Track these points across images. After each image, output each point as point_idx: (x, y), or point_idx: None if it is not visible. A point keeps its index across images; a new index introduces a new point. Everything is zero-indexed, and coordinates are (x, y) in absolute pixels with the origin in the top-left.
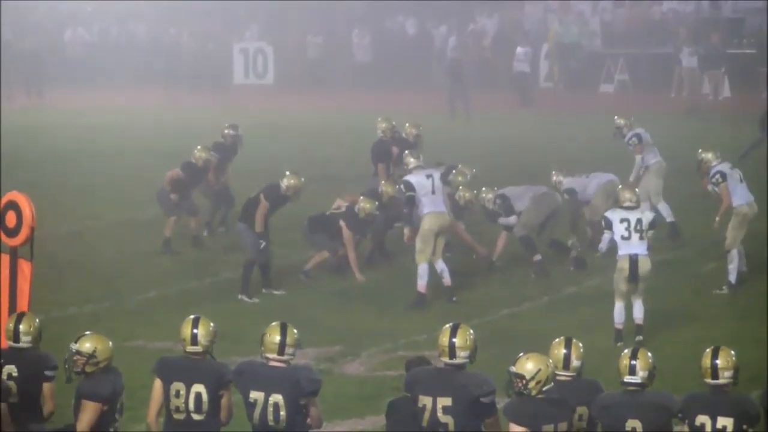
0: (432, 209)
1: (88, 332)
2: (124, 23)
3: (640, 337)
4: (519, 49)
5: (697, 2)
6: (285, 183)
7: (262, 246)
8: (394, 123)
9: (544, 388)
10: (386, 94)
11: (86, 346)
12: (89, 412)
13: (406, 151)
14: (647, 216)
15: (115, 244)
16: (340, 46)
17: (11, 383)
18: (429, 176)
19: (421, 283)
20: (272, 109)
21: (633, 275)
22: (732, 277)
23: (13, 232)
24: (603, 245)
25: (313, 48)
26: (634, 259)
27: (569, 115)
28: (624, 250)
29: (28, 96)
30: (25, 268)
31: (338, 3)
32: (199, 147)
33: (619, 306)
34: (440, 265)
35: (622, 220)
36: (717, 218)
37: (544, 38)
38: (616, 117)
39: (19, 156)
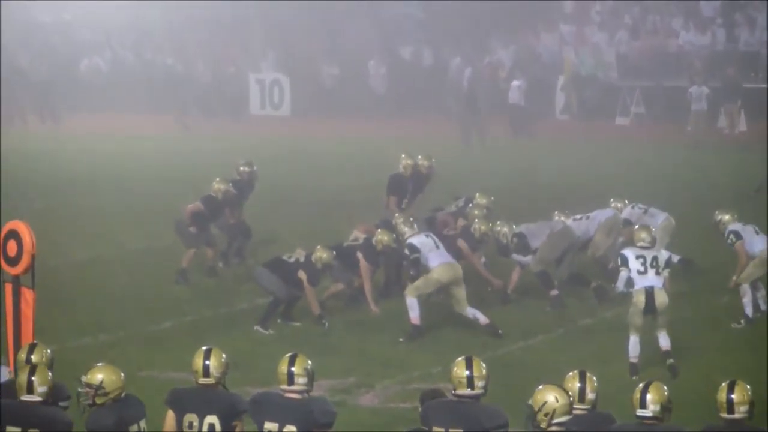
0: (442, 260)
1: (99, 363)
2: (141, 52)
3: (672, 360)
4: (514, 82)
5: (713, 35)
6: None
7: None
8: (417, 161)
9: (554, 421)
10: (401, 124)
11: (95, 377)
12: None
13: (400, 220)
14: (663, 254)
15: (130, 272)
16: (355, 76)
17: None
18: (428, 235)
19: (414, 315)
20: (288, 139)
21: (649, 307)
22: (748, 311)
23: (14, 261)
24: (620, 283)
25: (328, 78)
26: (650, 292)
27: (585, 147)
28: (640, 284)
29: (43, 122)
30: (27, 295)
31: (354, 34)
32: (217, 179)
33: (633, 339)
34: (470, 312)
35: (638, 257)
36: (734, 277)
37: (560, 70)
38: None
39: (34, 182)
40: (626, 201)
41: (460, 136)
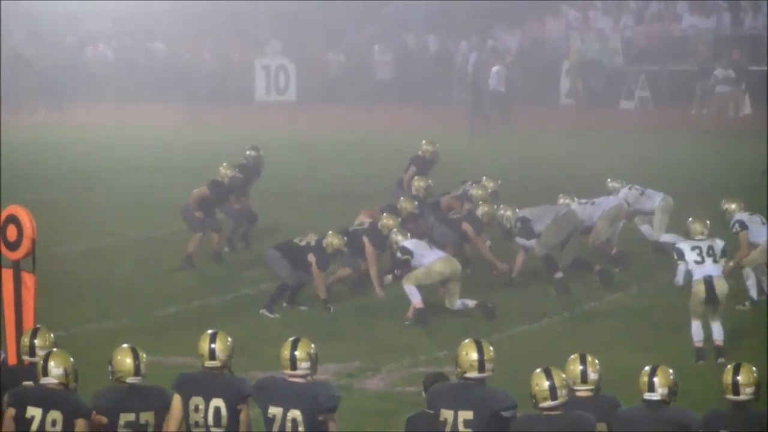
0: (439, 256)
1: (125, 345)
2: (145, 40)
3: (722, 359)
4: (493, 68)
5: (717, 19)
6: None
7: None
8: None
9: (539, 405)
10: (407, 110)
11: (110, 356)
12: (79, 425)
13: (395, 230)
14: (718, 243)
15: (135, 260)
16: (361, 63)
17: None
18: (421, 239)
19: (416, 300)
20: (294, 126)
21: (710, 297)
22: (753, 293)
23: (14, 246)
24: (679, 277)
25: (334, 65)
26: (709, 281)
27: (590, 132)
28: (698, 274)
29: (48, 111)
30: (28, 280)
31: (359, 20)
32: (224, 165)
33: (696, 324)
34: (458, 304)
35: (693, 248)
36: (731, 263)
37: (565, 55)
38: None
39: (38, 171)
40: (623, 182)
41: (465, 123)
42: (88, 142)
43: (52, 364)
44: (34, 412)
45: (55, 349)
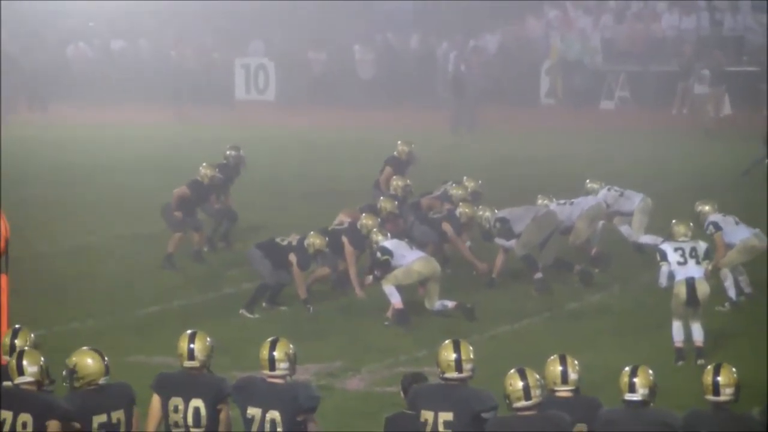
0: (419, 255)
1: (85, 348)
2: (127, 39)
3: (702, 361)
4: (452, 54)
5: (697, 19)
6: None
7: (309, 309)
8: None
9: (513, 405)
10: (389, 109)
11: (71, 360)
12: (52, 427)
13: (374, 229)
14: (701, 245)
15: (117, 258)
16: (342, 62)
17: None
18: (401, 239)
19: (396, 300)
20: (274, 125)
21: (691, 299)
22: (731, 294)
23: None
24: (662, 279)
25: (315, 64)
26: (690, 283)
27: (571, 132)
28: (680, 275)
29: (31, 110)
30: (2, 281)
31: (341, 19)
32: (204, 164)
33: (677, 325)
34: (438, 305)
35: (676, 249)
36: (709, 267)
37: (546, 54)
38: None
39: (22, 170)
40: (602, 183)
41: (448, 122)
42: (72, 140)
43: (26, 362)
44: (5, 415)
45: (26, 348)
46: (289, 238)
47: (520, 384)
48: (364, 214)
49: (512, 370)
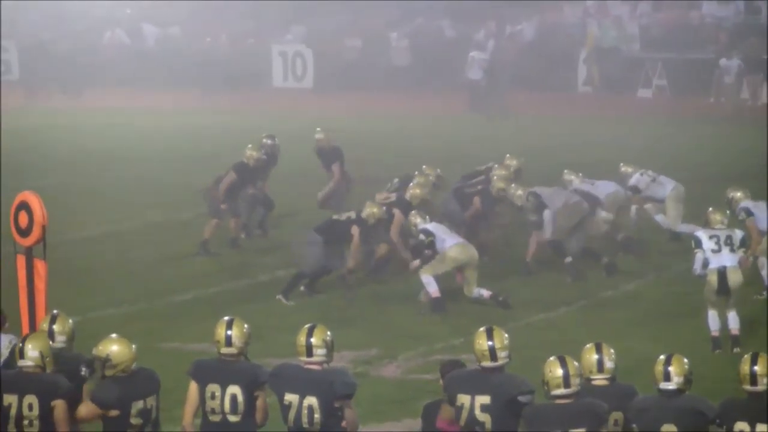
0: (457, 241)
1: (112, 335)
2: (162, 25)
3: (738, 349)
4: (471, 54)
5: (735, 6)
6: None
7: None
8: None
9: (551, 393)
10: (424, 96)
11: (103, 349)
12: (85, 410)
13: (413, 212)
14: (737, 234)
15: (152, 245)
16: (378, 49)
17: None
18: (441, 222)
19: (433, 290)
20: (311, 112)
21: (722, 288)
22: None
23: (25, 233)
24: (697, 265)
25: (351, 51)
26: (722, 272)
27: (608, 119)
28: (714, 263)
29: (65, 96)
30: (39, 267)
31: (376, 6)
32: (250, 146)
33: (712, 314)
34: (476, 292)
35: (711, 237)
36: (748, 255)
37: (582, 42)
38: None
39: (55, 156)
40: (636, 167)
41: (482, 109)
42: (105, 126)
43: (29, 347)
44: (10, 399)
45: (32, 332)
46: (347, 214)
47: (560, 372)
48: (367, 203)
49: (552, 358)
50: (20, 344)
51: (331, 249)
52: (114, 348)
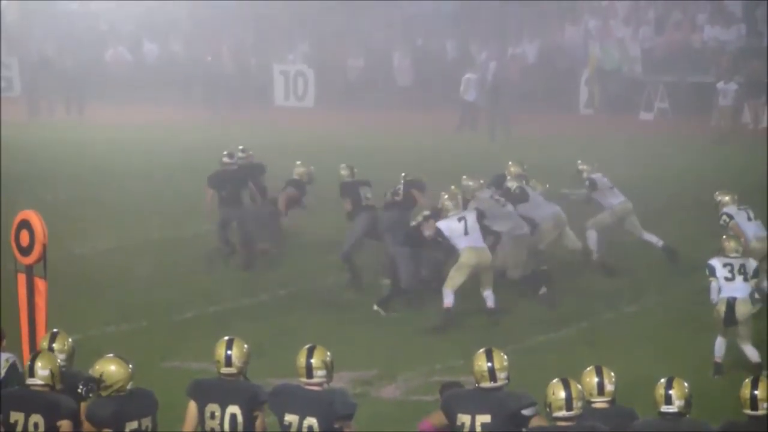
0: (469, 244)
1: (109, 354)
2: (164, 43)
3: (766, 372)
4: (465, 76)
5: (738, 30)
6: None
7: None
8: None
9: (553, 414)
10: (426, 115)
11: (96, 369)
12: (64, 427)
13: (446, 196)
14: (751, 263)
15: (153, 261)
16: (380, 68)
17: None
18: (461, 219)
19: (447, 301)
20: (312, 131)
21: (729, 319)
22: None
23: (26, 251)
24: (713, 294)
25: (353, 70)
26: (731, 303)
27: (608, 141)
28: (725, 292)
29: (68, 112)
30: (40, 285)
31: (378, 26)
32: (298, 163)
33: (720, 340)
34: (487, 293)
35: (725, 265)
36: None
37: (584, 63)
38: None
39: (58, 172)
40: (594, 165)
41: (486, 129)
42: (108, 142)
43: (38, 365)
44: (16, 416)
45: (42, 351)
46: (415, 220)
47: (562, 394)
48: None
49: (556, 380)
50: (29, 362)
51: (421, 258)
52: (109, 368)
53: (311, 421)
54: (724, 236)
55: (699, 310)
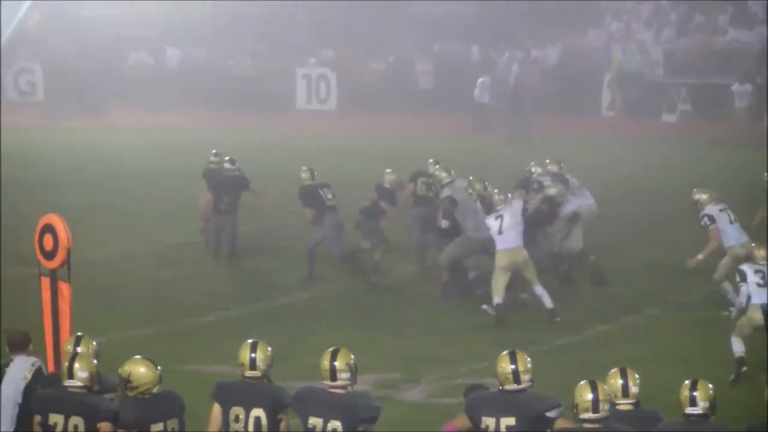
0: (501, 246)
1: (137, 356)
2: (186, 47)
3: None
4: (479, 80)
5: (759, 32)
6: None
7: None
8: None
9: (579, 416)
10: (448, 119)
11: (124, 370)
12: (103, 429)
13: (495, 190)
14: None
15: (174, 266)
16: (402, 72)
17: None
18: (498, 217)
19: (497, 299)
20: (334, 135)
21: (766, 325)
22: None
23: (50, 255)
24: (742, 298)
25: (375, 74)
26: (765, 310)
27: (631, 144)
28: (757, 299)
29: (87, 117)
30: (64, 289)
31: (401, 30)
32: (388, 170)
33: (738, 340)
34: (539, 290)
35: (756, 271)
36: (699, 256)
37: (606, 67)
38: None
39: (77, 177)
40: (562, 165)
41: (505, 133)
42: (127, 147)
43: (77, 366)
44: (56, 418)
45: (80, 352)
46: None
47: (589, 396)
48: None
49: (583, 382)
50: (67, 364)
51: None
52: (137, 369)
53: (335, 424)
54: (754, 244)
55: (719, 314)
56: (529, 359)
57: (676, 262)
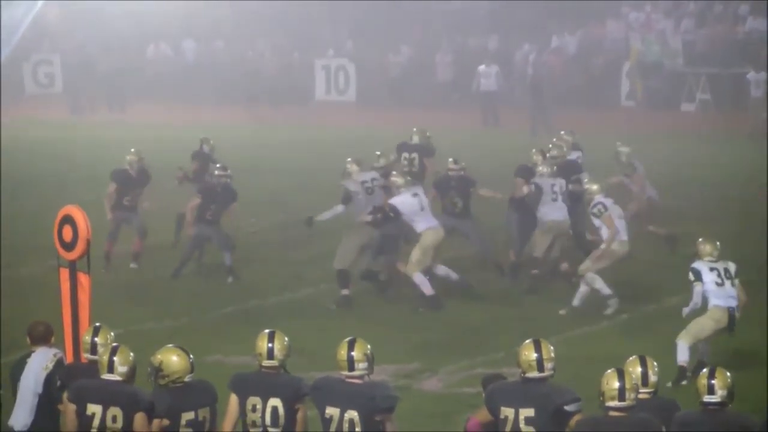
0: (429, 225)
1: (170, 345)
2: (206, 40)
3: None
4: (481, 68)
5: None
6: None
7: None
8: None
9: (605, 405)
10: (467, 111)
11: (156, 358)
12: (138, 420)
13: (394, 172)
14: (731, 265)
15: (194, 259)
16: (421, 63)
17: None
18: (415, 195)
19: (427, 288)
20: (353, 126)
21: (730, 328)
22: (575, 302)
23: (70, 246)
24: (697, 299)
25: (394, 66)
26: (732, 314)
27: (651, 134)
28: (720, 299)
29: (110, 111)
30: (83, 280)
31: (419, 21)
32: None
33: (685, 347)
34: (442, 269)
35: (711, 269)
36: (602, 246)
37: (626, 56)
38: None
39: (99, 170)
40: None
41: (526, 125)
42: (149, 141)
43: (117, 360)
44: (94, 409)
45: (119, 345)
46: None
47: (616, 384)
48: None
49: (610, 370)
50: (107, 356)
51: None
52: (170, 358)
53: (352, 414)
54: (700, 239)
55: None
56: (552, 348)
57: (689, 252)
